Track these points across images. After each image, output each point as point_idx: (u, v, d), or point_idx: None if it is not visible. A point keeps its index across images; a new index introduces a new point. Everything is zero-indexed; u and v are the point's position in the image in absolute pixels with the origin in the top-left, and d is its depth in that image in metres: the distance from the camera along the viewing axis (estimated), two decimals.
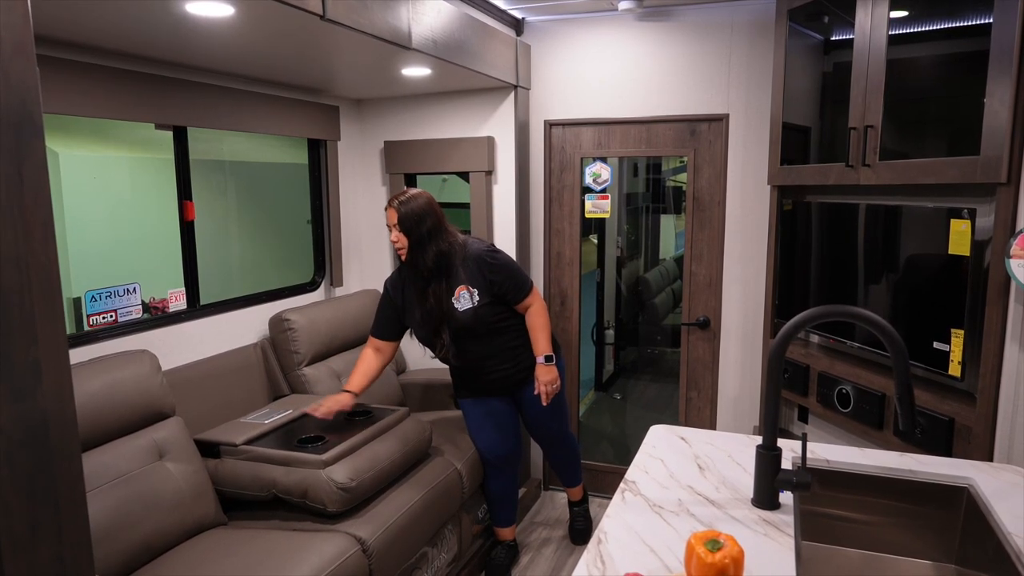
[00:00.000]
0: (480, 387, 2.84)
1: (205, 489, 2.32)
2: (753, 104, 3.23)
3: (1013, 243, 1.88)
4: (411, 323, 2.77)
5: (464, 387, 2.89)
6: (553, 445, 3.12)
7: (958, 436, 2.10)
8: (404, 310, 2.76)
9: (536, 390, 2.79)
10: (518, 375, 2.83)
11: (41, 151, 1.00)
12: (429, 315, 2.68)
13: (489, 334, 2.73)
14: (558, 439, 3.09)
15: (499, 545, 3.10)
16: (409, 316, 2.76)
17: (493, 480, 2.98)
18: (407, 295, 2.73)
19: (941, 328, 2.17)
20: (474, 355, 2.76)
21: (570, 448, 3.18)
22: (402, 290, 2.75)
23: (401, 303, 2.76)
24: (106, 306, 2.45)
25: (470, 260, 2.67)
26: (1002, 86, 1.88)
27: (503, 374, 2.80)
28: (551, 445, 3.13)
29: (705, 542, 1.16)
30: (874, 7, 2.28)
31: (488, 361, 2.78)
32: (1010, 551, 1.34)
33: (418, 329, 2.76)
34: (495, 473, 2.96)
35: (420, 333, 2.76)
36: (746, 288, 3.39)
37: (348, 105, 3.62)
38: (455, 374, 2.90)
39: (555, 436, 3.07)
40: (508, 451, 2.93)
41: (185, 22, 1.97)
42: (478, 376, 2.81)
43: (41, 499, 1.05)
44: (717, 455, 1.78)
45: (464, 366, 2.80)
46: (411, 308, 2.73)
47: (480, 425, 2.90)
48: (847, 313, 1.41)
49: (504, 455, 2.93)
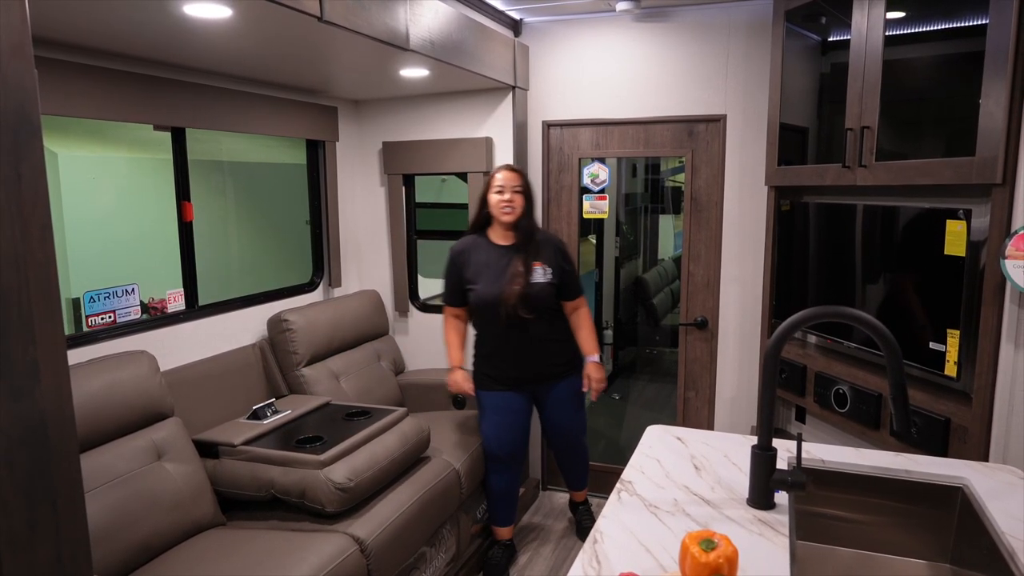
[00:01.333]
0: (509, 376, 2.87)
1: (203, 489, 2.33)
2: (751, 105, 3.24)
3: (1008, 244, 1.88)
4: (479, 283, 2.81)
5: (490, 375, 2.91)
6: (568, 448, 3.16)
7: (954, 436, 2.11)
8: (470, 272, 2.83)
9: (585, 387, 2.89)
10: (551, 368, 2.90)
11: (39, 152, 1.01)
12: (500, 277, 2.77)
13: (543, 318, 2.82)
14: (575, 443, 3.14)
15: (496, 544, 3.11)
16: (477, 276, 2.81)
17: (496, 476, 2.99)
18: (476, 258, 2.84)
19: (937, 328, 2.18)
20: (521, 337, 2.81)
21: (583, 453, 3.23)
22: (469, 254, 2.86)
23: (465, 264, 2.85)
24: (105, 307, 2.45)
25: (549, 243, 2.87)
26: (997, 87, 1.89)
27: (540, 363, 2.88)
28: (566, 448, 3.16)
29: (699, 542, 1.16)
30: (871, 8, 2.29)
31: (532, 346, 2.84)
32: (1004, 551, 1.35)
33: (486, 288, 2.78)
34: (499, 469, 2.97)
35: (487, 293, 2.78)
36: (744, 288, 3.39)
37: (346, 106, 3.63)
38: (486, 360, 2.92)
39: (573, 439, 3.12)
40: (516, 449, 2.96)
41: (183, 24, 1.98)
42: (516, 361, 2.85)
43: (40, 499, 1.05)
44: (713, 455, 1.79)
45: (504, 349, 2.85)
46: (481, 270, 2.81)
47: (494, 418, 2.92)
48: (842, 314, 1.42)
49: (512, 452, 2.95)
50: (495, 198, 2.80)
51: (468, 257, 2.86)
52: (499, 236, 2.86)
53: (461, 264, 2.87)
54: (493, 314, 2.80)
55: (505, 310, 2.76)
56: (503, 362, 2.88)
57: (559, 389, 2.94)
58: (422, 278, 3.90)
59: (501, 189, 2.79)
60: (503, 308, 2.76)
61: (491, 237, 2.87)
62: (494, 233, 2.87)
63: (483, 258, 2.83)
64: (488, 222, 2.89)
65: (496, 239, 2.86)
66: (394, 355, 3.63)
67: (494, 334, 2.86)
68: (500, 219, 2.81)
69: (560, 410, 2.97)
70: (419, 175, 3.73)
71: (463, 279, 2.86)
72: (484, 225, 2.90)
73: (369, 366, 3.40)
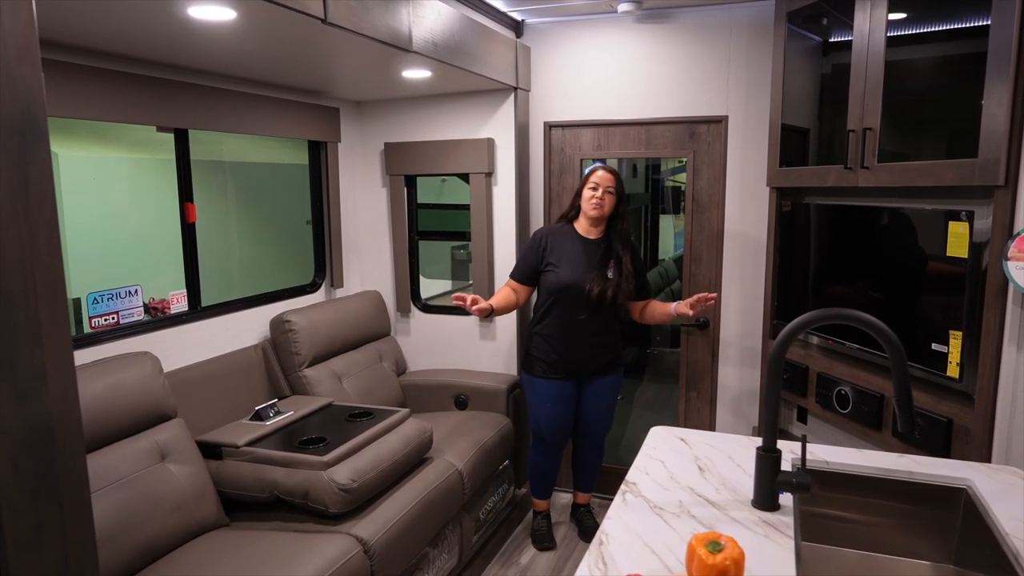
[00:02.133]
0: (561, 362, 3.01)
1: (207, 490, 2.33)
2: (752, 106, 3.24)
3: (1011, 245, 1.89)
4: (561, 266, 2.97)
5: (544, 361, 3.04)
6: (591, 446, 3.28)
7: (956, 437, 2.11)
8: (553, 255, 3.00)
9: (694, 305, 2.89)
10: (599, 363, 3.06)
11: (46, 155, 1.01)
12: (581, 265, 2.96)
13: (606, 313, 3.00)
14: (597, 442, 3.27)
15: (538, 516, 3.37)
16: (560, 260, 2.99)
17: (540, 457, 3.21)
18: (560, 244, 3.02)
19: (940, 330, 2.18)
20: (584, 327, 2.98)
21: (602, 453, 3.33)
22: (555, 238, 3.04)
23: (548, 247, 3.03)
24: (108, 308, 2.45)
25: (628, 244, 3.03)
26: (1000, 88, 1.89)
27: (592, 355, 3.03)
28: (590, 446, 3.27)
29: (706, 543, 1.17)
30: (872, 9, 2.29)
31: (592, 337, 3.01)
32: (1008, 552, 1.35)
33: (569, 273, 2.96)
34: (545, 450, 3.18)
35: (569, 278, 2.95)
36: (745, 289, 3.40)
37: (348, 107, 3.63)
38: (544, 342, 3.03)
39: (598, 437, 3.25)
40: (564, 432, 3.16)
41: (187, 26, 1.98)
42: (575, 349, 3.00)
43: (46, 500, 1.05)
44: (717, 456, 1.79)
45: (567, 333, 2.99)
46: (565, 255, 2.99)
47: (546, 405, 3.08)
48: (846, 316, 1.42)
49: (560, 435, 3.15)
50: (588, 193, 2.96)
51: (553, 241, 3.03)
52: (585, 229, 3.03)
53: (545, 246, 3.03)
54: (568, 297, 2.95)
55: (583, 297, 2.93)
56: (562, 346, 3.00)
57: (602, 383, 3.10)
58: (424, 279, 3.90)
59: (596, 186, 2.95)
60: (581, 295, 2.93)
61: (577, 229, 3.04)
62: (580, 226, 3.05)
63: (568, 245, 3.01)
64: (576, 215, 3.06)
65: (582, 231, 3.03)
66: (396, 356, 3.63)
67: (561, 319, 2.99)
68: (588, 213, 2.98)
69: (597, 403, 3.13)
70: (421, 176, 3.74)
71: (542, 259, 3.02)
72: (572, 217, 3.08)
73: (371, 367, 3.40)
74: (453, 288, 4.41)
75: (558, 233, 3.06)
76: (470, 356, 3.70)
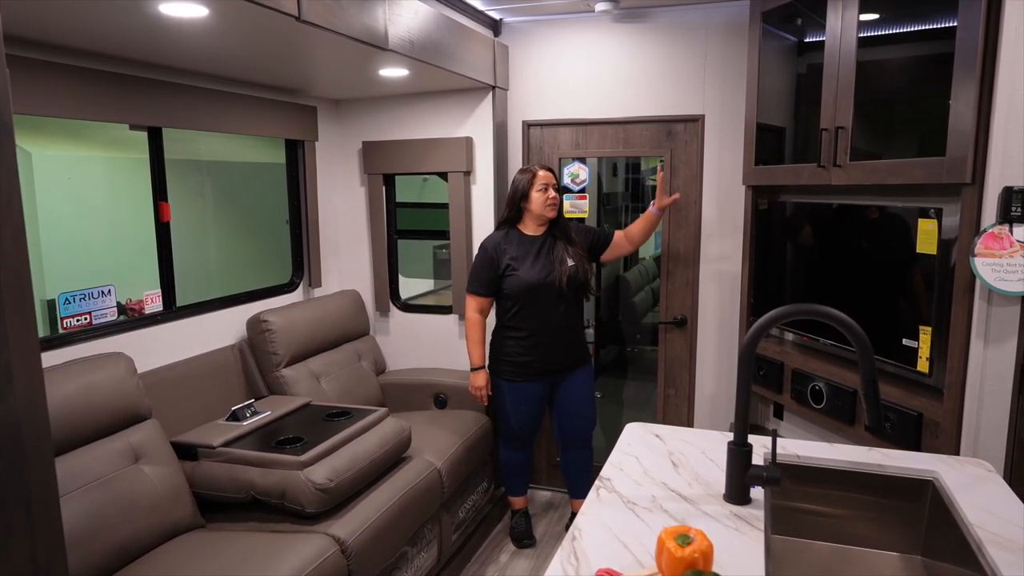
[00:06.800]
0: (537, 365, 3.01)
1: (182, 492, 2.31)
2: (728, 105, 3.27)
3: (978, 242, 1.92)
4: (521, 268, 2.97)
5: (515, 364, 3.02)
6: (579, 448, 3.21)
7: (926, 430, 2.15)
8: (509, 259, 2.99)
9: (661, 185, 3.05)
10: (575, 352, 3.08)
11: (11, 152, 1.00)
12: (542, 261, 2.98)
13: (578, 303, 3.08)
14: (585, 442, 3.21)
15: (516, 514, 3.37)
16: (519, 263, 2.98)
17: (512, 453, 3.23)
18: (513, 248, 3.01)
19: (910, 325, 2.22)
20: (561, 321, 3.00)
21: (590, 455, 3.27)
22: (505, 245, 3.02)
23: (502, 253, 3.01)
24: (80, 308, 2.42)
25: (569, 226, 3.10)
26: (967, 88, 1.92)
27: (566, 351, 3.04)
28: (575, 446, 3.21)
29: (675, 537, 1.18)
30: (844, 10, 2.32)
31: (567, 332, 3.03)
32: (972, 541, 1.38)
33: (531, 272, 2.96)
34: (517, 447, 3.21)
35: (533, 276, 2.95)
36: (722, 287, 3.43)
37: (326, 105, 3.61)
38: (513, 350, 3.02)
39: (585, 438, 3.20)
40: (534, 430, 3.19)
41: (159, 23, 1.96)
42: (549, 347, 3.00)
43: (13, 502, 1.04)
44: (691, 452, 1.81)
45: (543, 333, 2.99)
46: (521, 257, 2.99)
47: (518, 406, 3.08)
48: (814, 312, 1.44)
49: (530, 433, 3.18)
50: (540, 196, 2.97)
51: (507, 247, 3.01)
52: (531, 228, 3.04)
53: (499, 253, 3.00)
54: (539, 296, 2.95)
55: (555, 291, 2.94)
56: (536, 346, 2.99)
57: (576, 376, 3.10)
58: (403, 278, 3.89)
59: (545, 187, 2.97)
60: (552, 289, 2.94)
61: (523, 230, 3.05)
62: (526, 227, 3.05)
63: (521, 247, 3.00)
64: (519, 218, 3.05)
65: (528, 231, 3.04)
66: (375, 355, 3.62)
67: (535, 318, 2.98)
68: (545, 214, 2.99)
69: (576, 398, 3.12)
70: (399, 175, 3.73)
71: (500, 266, 3.00)
72: (514, 221, 3.06)
73: (350, 366, 3.39)
74: (435, 287, 4.40)
75: (506, 239, 3.03)
76: (450, 355, 3.69)
